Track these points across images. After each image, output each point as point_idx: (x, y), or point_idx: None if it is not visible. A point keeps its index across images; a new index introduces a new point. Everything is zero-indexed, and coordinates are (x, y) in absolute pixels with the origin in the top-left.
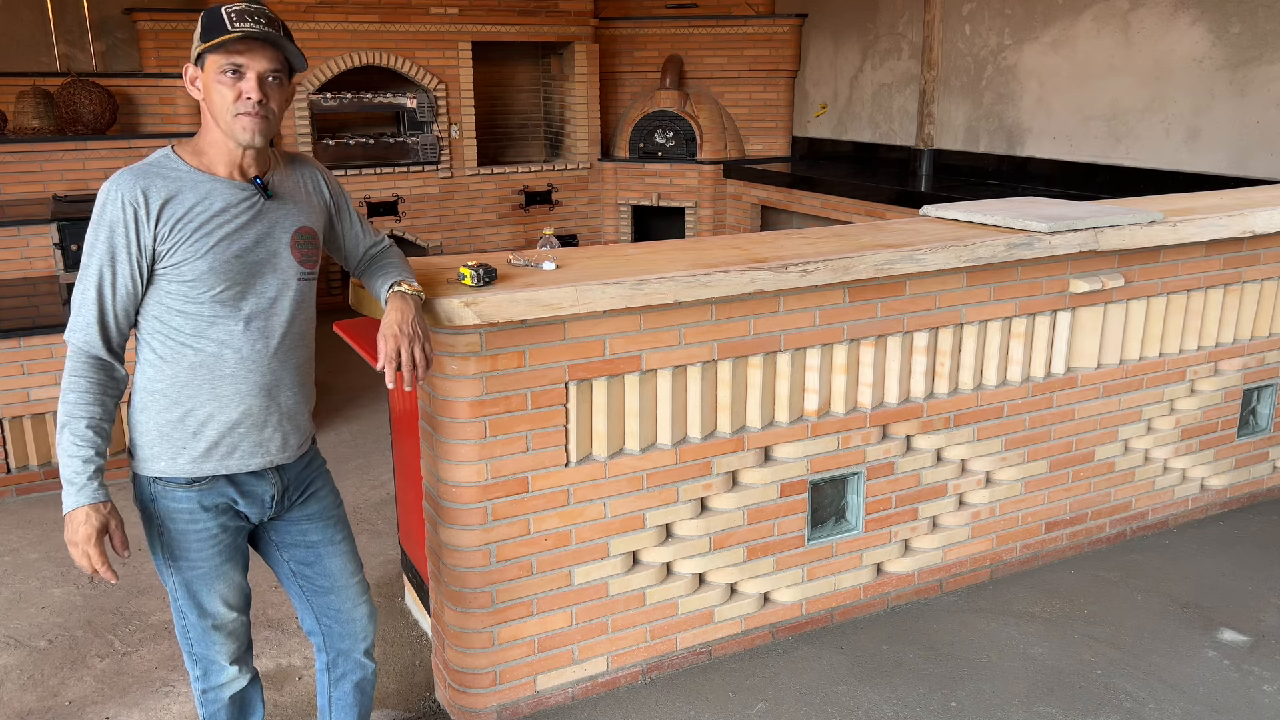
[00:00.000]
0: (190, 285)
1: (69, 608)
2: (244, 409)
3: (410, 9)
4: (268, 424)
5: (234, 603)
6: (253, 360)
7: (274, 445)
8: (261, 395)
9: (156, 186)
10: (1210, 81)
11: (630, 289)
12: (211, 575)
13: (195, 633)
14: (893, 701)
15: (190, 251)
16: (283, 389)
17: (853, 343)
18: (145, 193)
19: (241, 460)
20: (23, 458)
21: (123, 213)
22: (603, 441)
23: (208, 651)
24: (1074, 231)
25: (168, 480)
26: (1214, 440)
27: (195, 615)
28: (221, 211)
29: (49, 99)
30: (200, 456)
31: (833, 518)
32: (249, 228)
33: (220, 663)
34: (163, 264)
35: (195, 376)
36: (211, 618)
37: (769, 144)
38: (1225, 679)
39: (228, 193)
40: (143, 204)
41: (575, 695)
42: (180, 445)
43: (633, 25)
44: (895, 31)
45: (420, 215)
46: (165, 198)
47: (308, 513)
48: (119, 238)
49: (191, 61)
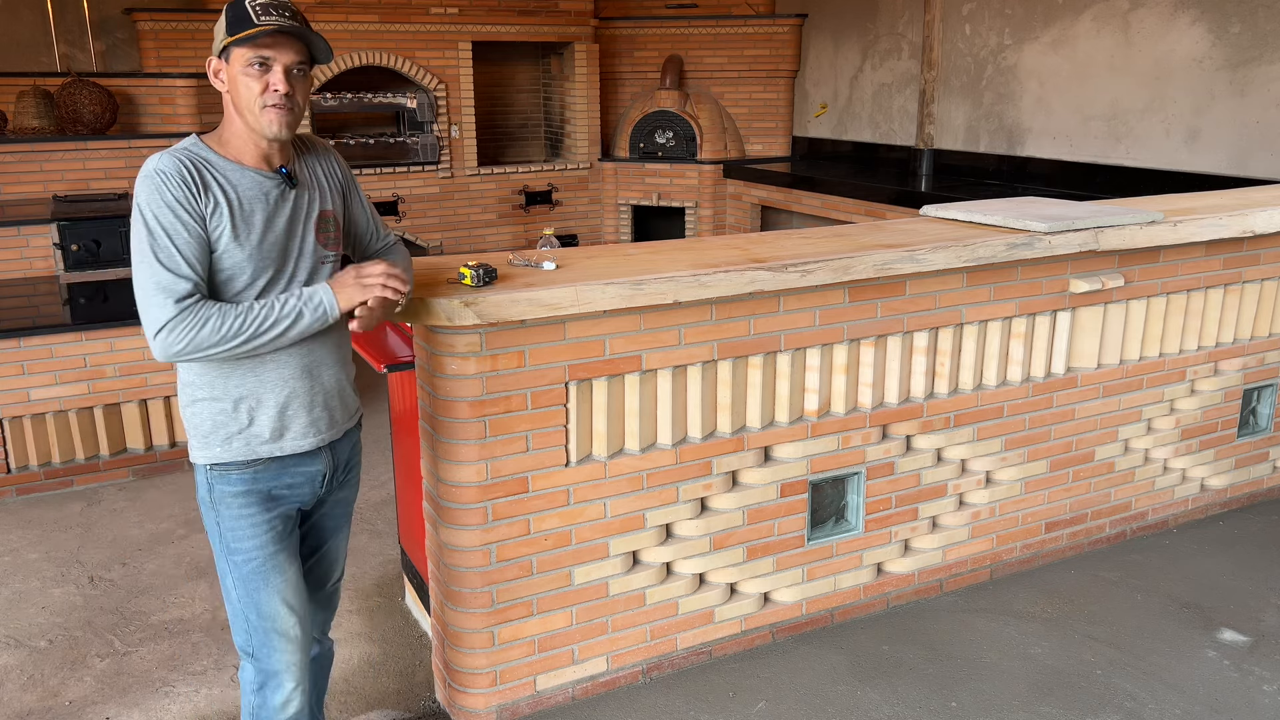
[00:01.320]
0: (228, 274)
1: (69, 608)
2: (289, 392)
3: (410, 9)
4: (315, 404)
5: (293, 603)
6: (297, 349)
7: (323, 423)
8: (304, 377)
9: (201, 168)
10: (1210, 81)
11: (630, 289)
12: (268, 568)
13: (258, 637)
14: (893, 701)
15: (230, 240)
16: (324, 368)
17: (853, 343)
18: (191, 172)
19: (294, 441)
20: (23, 458)
21: (174, 191)
22: (603, 441)
23: (269, 660)
24: (1074, 231)
25: (224, 465)
26: (1214, 440)
27: (255, 614)
28: (254, 200)
29: (49, 99)
30: (255, 441)
31: (833, 518)
32: (279, 216)
33: (282, 676)
34: (209, 246)
35: (239, 366)
36: (271, 620)
37: (769, 144)
38: (1225, 679)
39: (258, 182)
40: (192, 182)
41: (575, 695)
42: (234, 431)
43: (633, 25)
44: (895, 31)
45: (420, 215)
46: (210, 180)
47: (341, 496)
48: (172, 214)
49: (216, 54)
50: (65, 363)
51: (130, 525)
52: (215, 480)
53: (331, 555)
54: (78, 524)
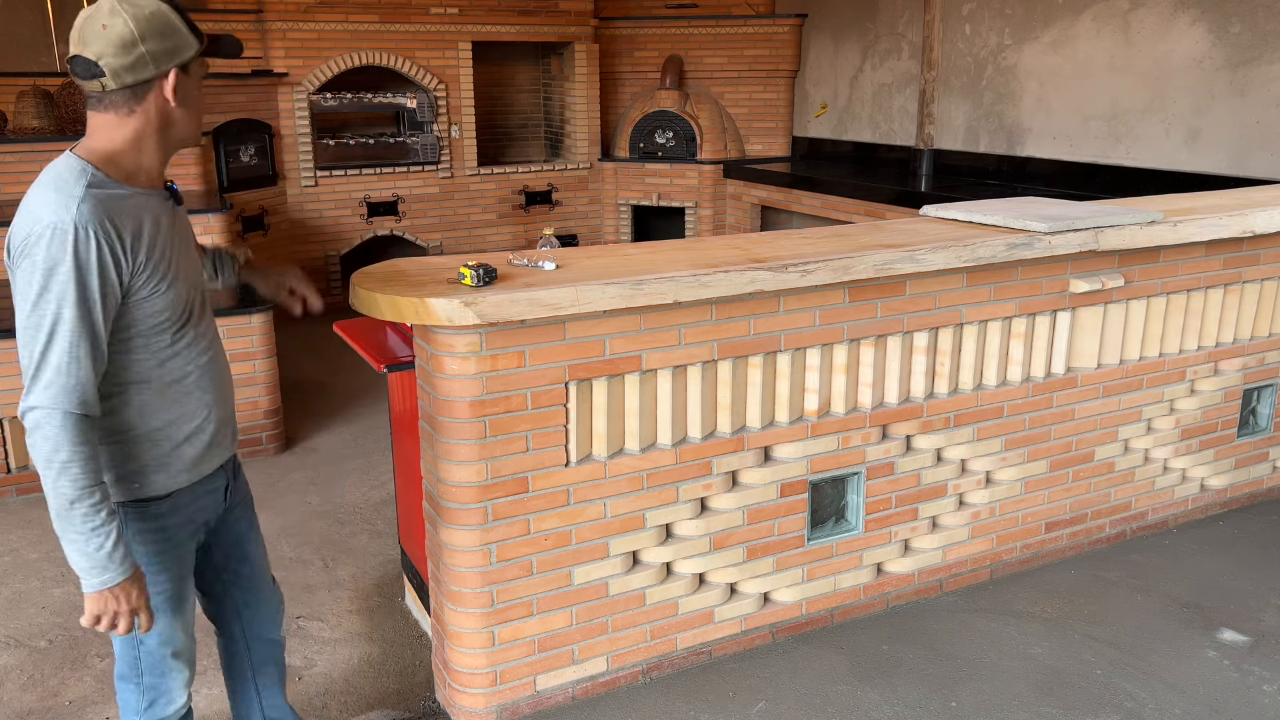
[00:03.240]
0: (155, 314)
1: (69, 608)
2: (205, 416)
3: (410, 9)
4: (225, 424)
5: (190, 628)
6: (207, 369)
7: (226, 440)
8: (219, 400)
9: (118, 216)
10: (1210, 81)
11: (630, 289)
12: (178, 598)
13: (149, 661)
14: (893, 701)
15: (159, 281)
16: (227, 386)
17: (853, 343)
18: (114, 224)
19: (210, 464)
20: (23, 458)
21: (99, 254)
22: (603, 441)
23: (161, 680)
24: (1074, 231)
25: (143, 501)
26: (1214, 440)
27: (155, 642)
28: (159, 225)
29: (49, 99)
30: (175, 471)
31: (833, 518)
32: (175, 239)
33: (174, 691)
34: (132, 298)
35: (163, 399)
36: (172, 645)
37: (769, 144)
38: (1225, 679)
39: (156, 206)
40: (117, 242)
41: (575, 695)
42: (157, 465)
43: (633, 25)
44: (895, 31)
45: (420, 215)
46: (130, 228)
47: (238, 500)
48: (92, 279)
49: (178, 66)
50: None
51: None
52: (131, 518)
53: (255, 554)
54: None
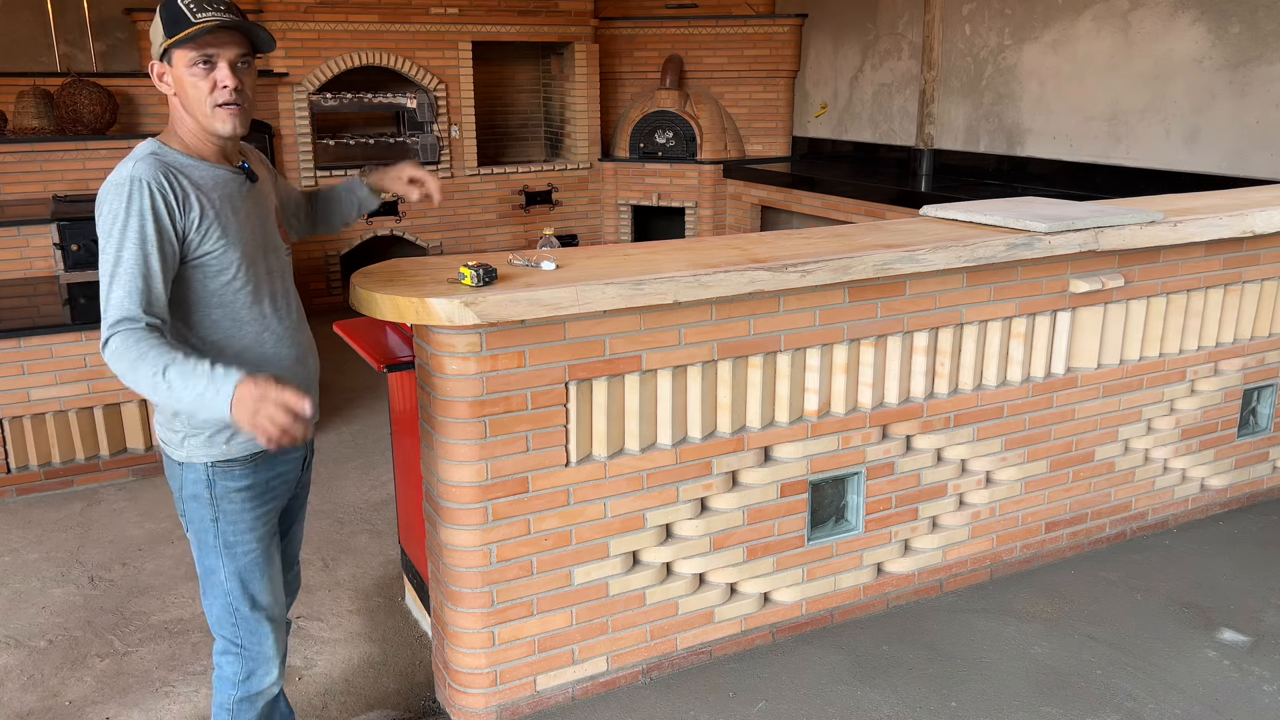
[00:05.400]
0: (220, 274)
1: (69, 608)
2: (288, 380)
3: (410, 9)
4: (307, 389)
5: (279, 592)
6: (285, 334)
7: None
8: (298, 365)
9: (174, 174)
10: (1210, 81)
11: (630, 289)
12: (264, 560)
13: (248, 627)
14: (893, 701)
15: (219, 240)
16: (309, 355)
17: (853, 343)
18: (171, 180)
19: None
20: (23, 458)
21: (152, 200)
22: (603, 441)
23: (261, 647)
24: (1074, 231)
25: (228, 461)
26: (1214, 440)
27: (248, 607)
28: (229, 198)
29: (49, 99)
30: None
31: (833, 518)
32: (252, 212)
33: (270, 662)
34: (195, 255)
35: (243, 362)
36: (265, 609)
37: (769, 144)
38: (1225, 679)
39: (227, 178)
40: (171, 192)
41: (575, 695)
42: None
43: (633, 25)
44: (895, 31)
45: (420, 215)
46: (188, 187)
47: (308, 478)
48: (149, 225)
49: (156, 57)
50: (65, 363)
51: (130, 525)
52: (218, 477)
53: (298, 537)
54: (78, 524)
